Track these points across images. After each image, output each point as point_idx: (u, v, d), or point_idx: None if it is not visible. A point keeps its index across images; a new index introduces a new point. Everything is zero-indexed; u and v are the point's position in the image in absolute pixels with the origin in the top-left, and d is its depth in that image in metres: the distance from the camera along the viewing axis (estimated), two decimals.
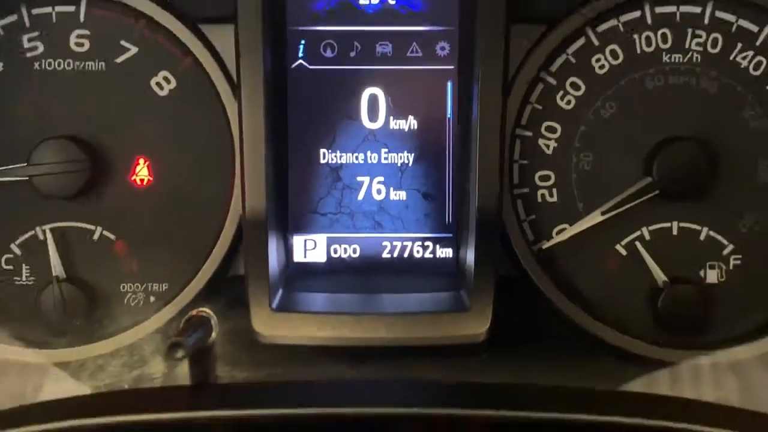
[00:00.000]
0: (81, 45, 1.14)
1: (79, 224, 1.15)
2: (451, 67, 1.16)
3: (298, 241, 1.19)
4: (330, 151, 1.17)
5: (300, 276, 1.18)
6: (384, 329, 1.09)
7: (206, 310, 1.00)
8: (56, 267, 1.14)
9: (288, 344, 1.09)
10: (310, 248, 1.19)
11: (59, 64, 1.14)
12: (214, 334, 0.97)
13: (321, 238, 1.19)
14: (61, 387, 1.05)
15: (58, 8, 1.13)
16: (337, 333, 1.09)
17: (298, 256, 1.19)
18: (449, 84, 1.16)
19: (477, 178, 1.09)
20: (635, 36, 1.14)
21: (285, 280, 1.16)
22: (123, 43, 1.14)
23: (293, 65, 1.16)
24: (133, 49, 1.14)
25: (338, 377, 1.08)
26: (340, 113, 1.16)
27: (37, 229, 1.15)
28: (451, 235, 1.19)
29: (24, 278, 1.16)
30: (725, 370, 1.10)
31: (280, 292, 1.13)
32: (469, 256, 1.11)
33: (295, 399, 0.93)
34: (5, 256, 1.16)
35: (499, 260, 1.12)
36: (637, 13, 1.14)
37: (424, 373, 1.07)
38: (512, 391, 0.96)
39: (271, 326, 1.09)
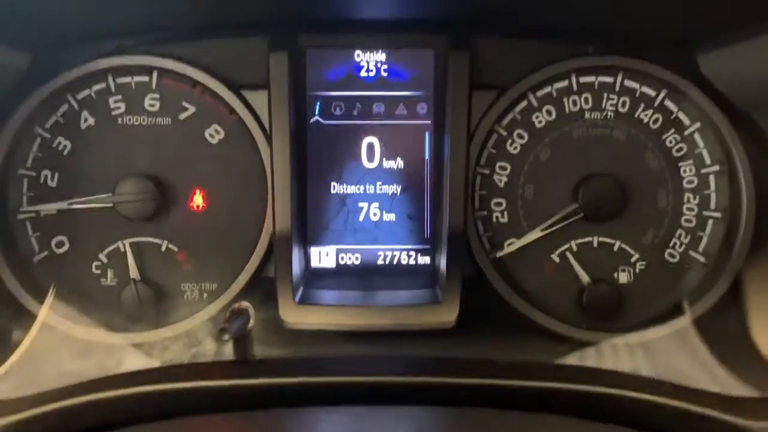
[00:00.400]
0: (153, 105, 1.15)
1: (150, 239, 1.15)
2: (428, 122, 1.17)
3: (314, 251, 1.20)
4: (339, 184, 1.18)
5: (316, 278, 1.18)
6: (379, 317, 1.09)
7: (246, 304, 0.99)
8: (133, 271, 1.14)
9: (307, 329, 1.09)
10: (324, 257, 1.20)
11: (136, 120, 1.14)
12: (251, 322, 0.97)
13: (332, 249, 1.19)
14: (136, 362, 1.05)
15: (136, 78, 1.14)
16: (344, 320, 1.09)
17: (314, 263, 1.20)
18: (427, 134, 1.17)
19: (448, 204, 1.10)
20: (564, 99, 1.15)
21: (305, 280, 1.17)
22: (184, 104, 1.15)
23: (311, 121, 1.17)
24: (192, 109, 1.15)
25: (345, 354, 1.08)
26: (346, 156, 1.18)
27: (119, 243, 1.15)
28: (428, 246, 1.19)
29: (109, 280, 1.15)
30: (636, 348, 1.10)
31: (301, 289, 1.14)
32: (442, 262, 1.12)
33: (313, 370, 0.93)
34: (95, 263, 1.15)
35: (464, 265, 1.12)
36: (565, 82, 1.15)
37: (408, 350, 1.08)
38: (474, 365, 0.95)
39: (295, 316, 1.09)
